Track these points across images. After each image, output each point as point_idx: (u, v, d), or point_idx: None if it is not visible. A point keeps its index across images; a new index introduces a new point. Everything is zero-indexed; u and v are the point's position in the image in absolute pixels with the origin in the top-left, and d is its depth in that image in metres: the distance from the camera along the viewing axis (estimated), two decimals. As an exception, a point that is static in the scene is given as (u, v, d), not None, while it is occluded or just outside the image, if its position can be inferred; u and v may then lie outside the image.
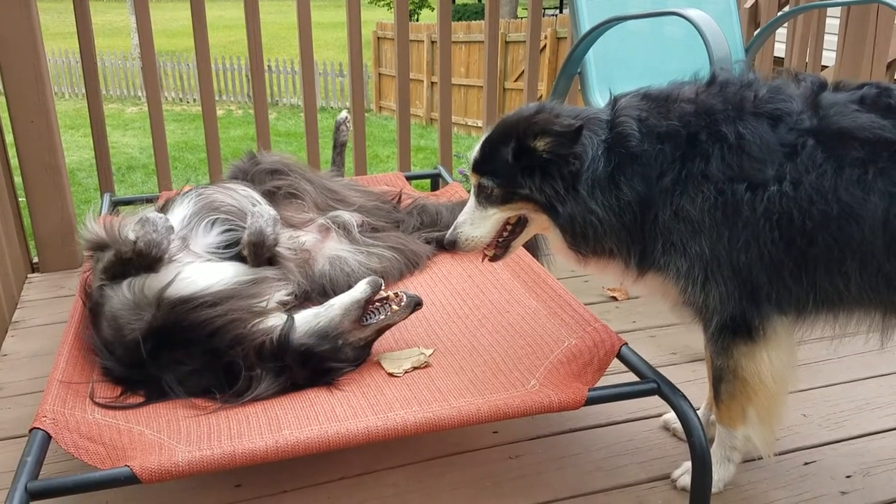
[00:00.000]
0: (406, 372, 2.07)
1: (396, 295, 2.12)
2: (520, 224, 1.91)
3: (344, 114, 3.36)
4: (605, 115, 1.79)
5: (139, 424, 1.82)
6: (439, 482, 2.06)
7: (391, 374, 2.07)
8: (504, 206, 1.86)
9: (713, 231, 1.69)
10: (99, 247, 2.16)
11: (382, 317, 2.10)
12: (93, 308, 2.11)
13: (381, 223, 2.79)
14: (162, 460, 1.61)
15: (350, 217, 2.66)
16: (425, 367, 2.10)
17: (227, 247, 2.30)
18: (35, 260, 3.43)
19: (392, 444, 2.14)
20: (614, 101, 1.83)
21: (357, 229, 2.63)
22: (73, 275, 3.32)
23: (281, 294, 2.20)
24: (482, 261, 1.99)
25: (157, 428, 1.81)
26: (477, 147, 1.88)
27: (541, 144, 1.75)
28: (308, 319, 2.07)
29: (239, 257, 2.28)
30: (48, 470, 1.81)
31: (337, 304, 2.08)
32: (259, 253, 2.24)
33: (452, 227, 1.94)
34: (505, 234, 1.93)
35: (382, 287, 2.11)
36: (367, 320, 2.09)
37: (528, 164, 1.78)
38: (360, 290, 2.09)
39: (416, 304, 2.12)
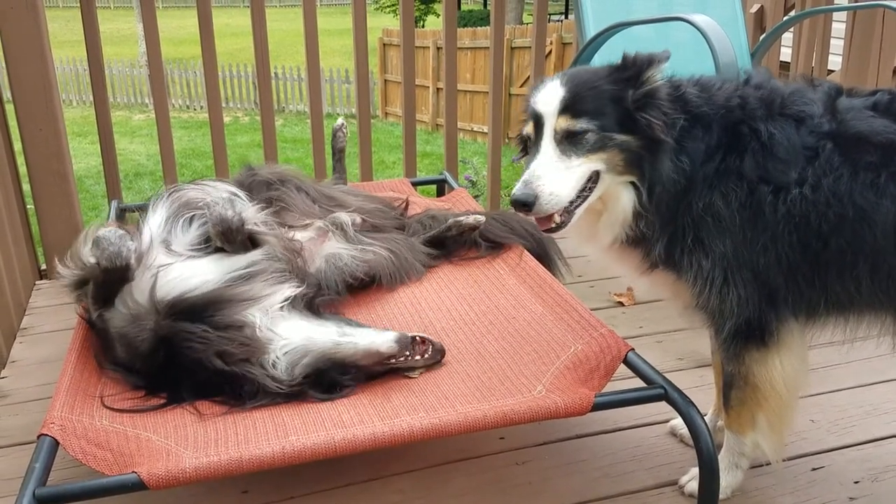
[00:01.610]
0: (420, 373, 2.09)
1: (423, 342, 2.10)
2: (589, 185, 1.72)
3: (340, 120, 3.34)
4: (666, 82, 1.74)
5: (146, 431, 1.83)
6: (445, 488, 2.06)
7: (407, 375, 2.08)
8: (593, 156, 1.68)
9: (740, 231, 1.69)
10: (80, 284, 2.16)
11: (402, 358, 2.08)
12: (100, 335, 2.13)
13: (381, 222, 2.78)
14: (169, 466, 1.61)
15: (346, 217, 2.67)
16: (436, 366, 2.13)
17: (208, 241, 2.28)
18: (43, 267, 3.44)
19: (398, 450, 2.14)
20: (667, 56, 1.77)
21: (352, 227, 2.63)
22: (81, 281, 3.33)
23: (284, 292, 2.20)
24: (543, 229, 1.75)
25: (165, 434, 1.82)
26: (555, 90, 1.71)
27: (655, 73, 1.68)
28: (327, 345, 2.07)
29: (223, 251, 2.27)
30: (56, 476, 1.81)
31: (361, 345, 2.05)
32: (232, 238, 2.22)
33: (524, 182, 1.67)
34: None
35: (409, 345, 2.07)
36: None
37: (640, 101, 1.68)
38: (386, 344, 2.04)
39: (439, 357, 2.13)
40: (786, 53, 4.65)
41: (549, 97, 1.72)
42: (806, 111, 1.70)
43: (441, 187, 3.65)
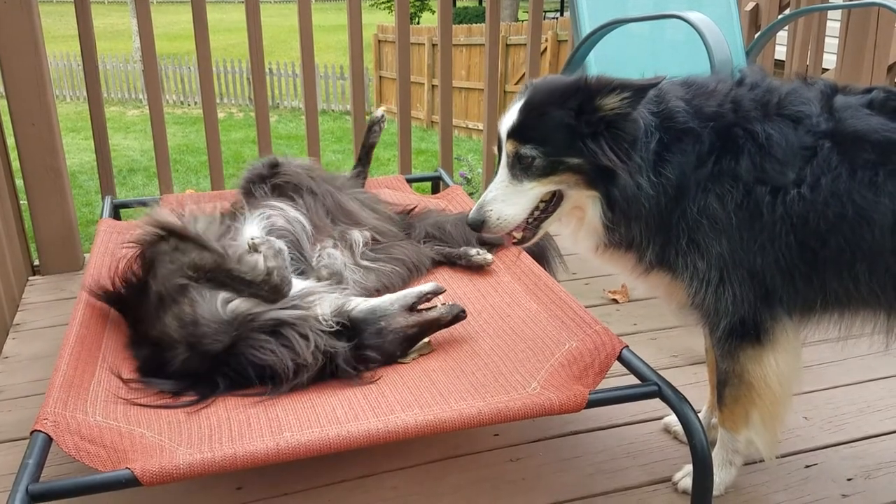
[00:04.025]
0: (413, 359, 2.14)
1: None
2: (553, 202, 1.78)
3: (380, 112, 3.23)
4: (653, 92, 1.72)
5: (140, 427, 1.82)
6: (440, 485, 2.06)
7: (399, 362, 2.12)
8: (544, 180, 1.72)
9: (736, 232, 1.69)
10: (175, 234, 2.15)
11: (434, 306, 2.18)
12: (163, 296, 2.07)
13: (392, 243, 2.75)
14: (163, 462, 1.60)
15: (358, 235, 2.64)
16: (429, 353, 2.18)
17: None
18: (36, 262, 3.44)
19: (393, 447, 2.14)
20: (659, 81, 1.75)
21: (361, 247, 2.61)
22: (75, 277, 3.32)
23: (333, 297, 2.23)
24: (508, 245, 1.87)
25: (158, 430, 1.81)
26: (513, 112, 1.74)
27: (613, 102, 1.65)
28: (360, 302, 2.17)
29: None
30: (49, 472, 1.81)
31: (394, 296, 2.19)
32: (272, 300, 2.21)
33: (478, 206, 1.77)
34: (536, 213, 1.79)
35: (442, 293, 2.23)
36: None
37: (591, 127, 1.67)
38: (429, 286, 2.20)
39: (459, 312, 2.17)
40: (780, 52, 4.66)
41: (506, 120, 1.76)
42: (803, 111, 1.69)
43: (436, 184, 3.64)
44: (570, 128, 1.68)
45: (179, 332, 2.03)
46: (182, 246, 2.15)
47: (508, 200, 1.75)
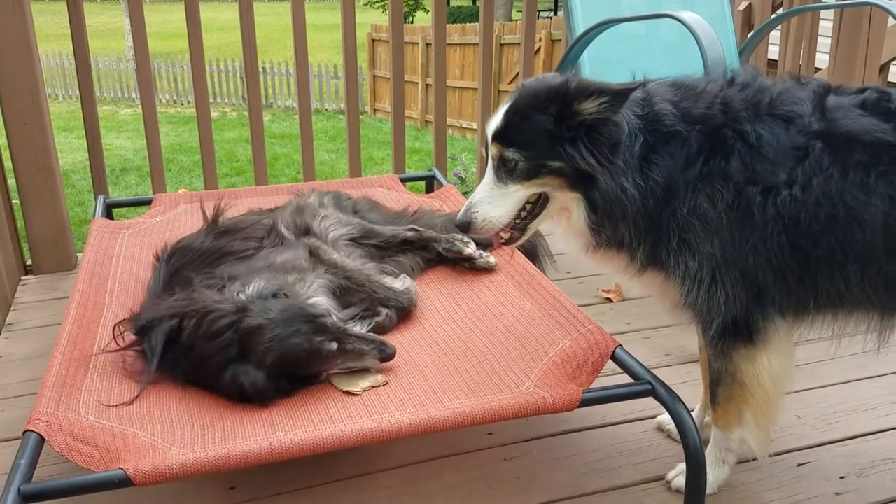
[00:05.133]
0: (364, 390, 1.97)
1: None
2: (539, 203, 1.81)
3: (493, 260, 2.67)
4: (639, 94, 1.73)
5: (133, 426, 1.82)
6: (434, 484, 2.06)
7: (349, 392, 1.96)
8: (529, 182, 1.75)
9: (727, 232, 1.69)
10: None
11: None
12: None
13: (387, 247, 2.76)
14: (156, 462, 1.60)
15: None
16: (384, 385, 2.00)
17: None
18: (28, 262, 3.42)
19: (386, 446, 2.15)
20: (644, 84, 1.77)
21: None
22: (67, 277, 3.31)
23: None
24: (496, 246, 1.89)
25: (151, 430, 1.81)
26: (499, 116, 1.76)
27: (591, 107, 1.66)
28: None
29: None
30: (42, 472, 1.80)
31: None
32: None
33: (465, 208, 1.81)
34: (523, 214, 1.82)
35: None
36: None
37: (571, 132, 1.68)
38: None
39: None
40: (773, 51, 4.67)
41: (492, 123, 1.77)
42: (795, 111, 1.69)
43: (430, 183, 3.64)
44: (551, 132, 1.70)
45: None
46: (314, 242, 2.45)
47: (494, 202, 1.78)
